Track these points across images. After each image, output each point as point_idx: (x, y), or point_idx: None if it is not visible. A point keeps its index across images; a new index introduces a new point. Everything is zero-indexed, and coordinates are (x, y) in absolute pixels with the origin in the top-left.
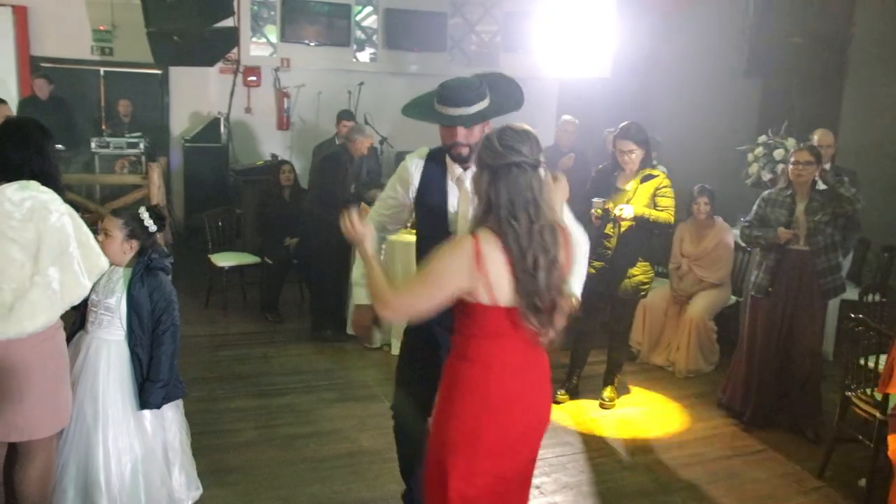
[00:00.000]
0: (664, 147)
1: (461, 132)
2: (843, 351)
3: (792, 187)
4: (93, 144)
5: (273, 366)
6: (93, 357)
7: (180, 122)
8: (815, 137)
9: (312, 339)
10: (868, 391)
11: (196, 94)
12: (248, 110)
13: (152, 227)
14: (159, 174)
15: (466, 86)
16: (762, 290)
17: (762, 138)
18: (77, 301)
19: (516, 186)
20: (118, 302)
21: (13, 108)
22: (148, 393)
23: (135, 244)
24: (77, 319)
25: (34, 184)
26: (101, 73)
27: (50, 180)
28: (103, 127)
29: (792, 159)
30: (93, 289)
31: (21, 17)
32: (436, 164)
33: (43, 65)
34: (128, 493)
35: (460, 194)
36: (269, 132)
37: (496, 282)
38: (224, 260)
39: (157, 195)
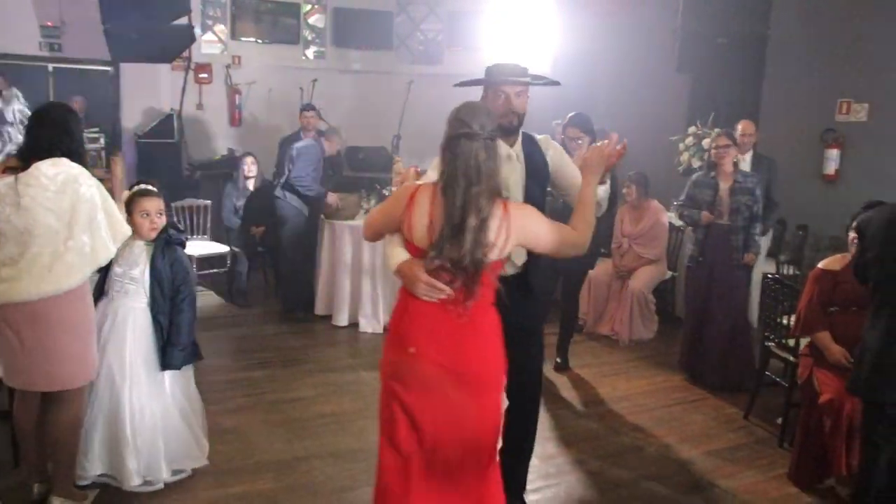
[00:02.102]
0: None
1: (513, 100)
2: (763, 307)
3: (715, 170)
4: None
5: (250, 344)
6: (120, 323)
7: (132, 119)
8: (740, 127)
9: (283, 320)
10: (784, 341)
11: (148, 90)
12: (199, 107)
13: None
14: (122, 167)
15: (515, 63)
16: (693, 260)
17: (692, 129)
18: (104, 262)
19: (462, 154)
20: (142, 273)
21: None
22: (169, 356)
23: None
24: (97, 286)
25: (65, 160)
26: (50, 68)
27: (78, 157)
28: None
29: (713, 144)
30: (118, 261)
31: None
32: None
33: None
34: (149, 445)
35: (509, 170)
36: (221, 128)
37: (415, 223)
38: (193, 249)
39: (120, 188)
